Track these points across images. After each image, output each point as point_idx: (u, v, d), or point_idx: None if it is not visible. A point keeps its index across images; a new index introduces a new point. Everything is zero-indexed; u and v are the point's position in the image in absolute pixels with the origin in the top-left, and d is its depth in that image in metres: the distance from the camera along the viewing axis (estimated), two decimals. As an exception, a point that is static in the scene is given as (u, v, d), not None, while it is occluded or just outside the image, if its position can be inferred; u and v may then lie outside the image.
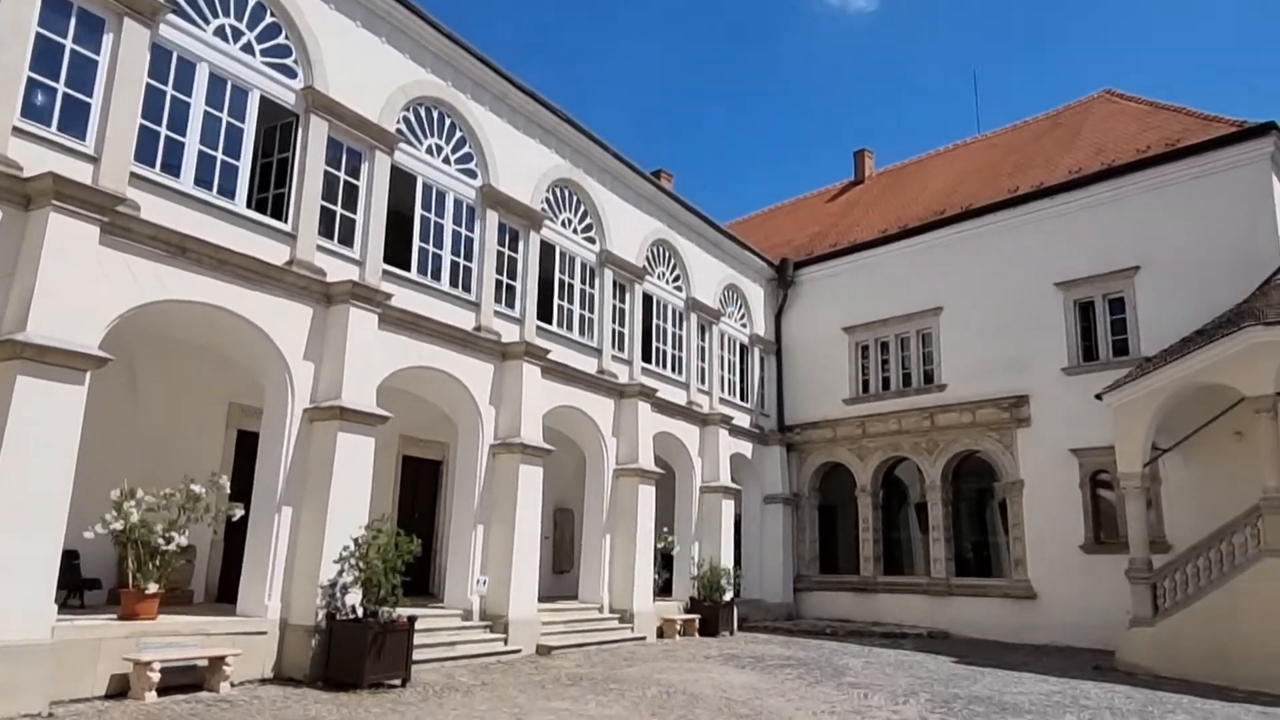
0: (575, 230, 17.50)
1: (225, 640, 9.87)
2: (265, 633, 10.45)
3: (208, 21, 10.98)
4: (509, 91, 15.68)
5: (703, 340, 21.39)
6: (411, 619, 10.79)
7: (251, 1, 11.52)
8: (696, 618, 18.06)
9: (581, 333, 17.34)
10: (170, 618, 9.73)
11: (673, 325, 20.51)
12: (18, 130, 8.94)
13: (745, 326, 23.40)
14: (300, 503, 11.03)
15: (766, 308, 24.30)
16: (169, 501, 9.76)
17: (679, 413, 19.71)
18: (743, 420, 22.32)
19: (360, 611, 10.54)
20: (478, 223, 14.95)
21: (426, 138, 14.24)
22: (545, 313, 16.46)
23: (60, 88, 9.43)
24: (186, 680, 9.25)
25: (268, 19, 11.74)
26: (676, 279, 20.71)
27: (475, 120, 15.03)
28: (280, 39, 11.88)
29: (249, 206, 11.33)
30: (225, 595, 12.29)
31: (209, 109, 10.95)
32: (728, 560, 19.63)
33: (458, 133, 14.82)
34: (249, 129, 11.36)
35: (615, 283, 18.32)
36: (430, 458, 17.14)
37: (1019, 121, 25.62)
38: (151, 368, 12.43)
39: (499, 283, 15.27)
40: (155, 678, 8.77)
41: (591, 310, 17.66)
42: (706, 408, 20.78)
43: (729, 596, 18.84)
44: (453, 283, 14.37)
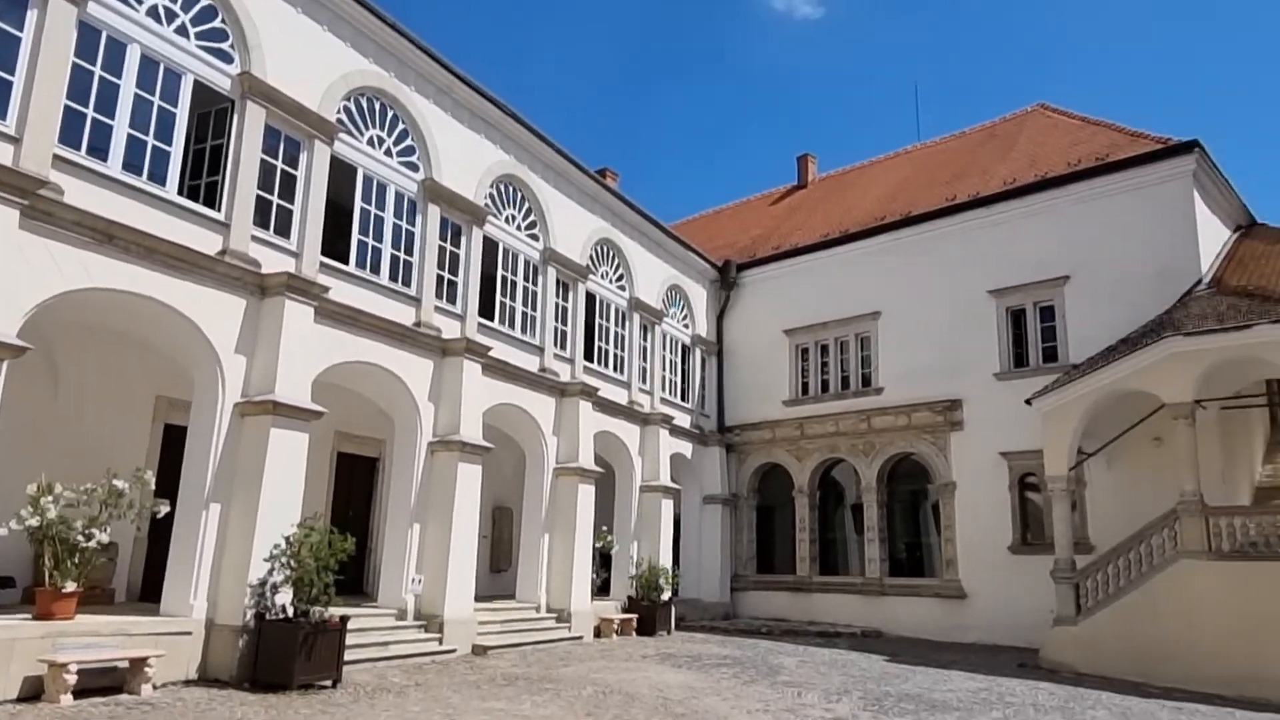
0: (519, 227, 17.37)
1: (147, 641, 9.55)
2: (190, 633, 10.15)
3: (140, 1, 10.63)
4: (453, 85, 15.49)
5: (645, 340, 21.43)
6: (344, 619, 10.59)
7: (187, -18, 11.20)
8: (634, 617, 18.07)
9: (524, 330, 17.22)
10: (89, 617, 9.37)
11: (615, 324, 20.50)
12: (-68, 107, 8.55)
13: (688, 327, 23.50)
14: (229, 499, 10.74)
15: (709, 309, 24.44)
16: (90, 497, 9.39)
17: (620, 412, 19.71)
18: (683, 420, 22.42)
19: (291, 611, 10.30)
20: (419, 217, 14.74)
21: (368, 129, 14.00)
22: (487, 309, 16.31)
23: (-21, 64, 9.05)
24: (106, 683, 8.93)
25: (204, 1, 11.41)
26: (620, 278, 20.71)
27: (418, 113, 14.81)
28: (216, 22, 11.55)
29: (181, 194, 10.99)
30: (149, 594, 11.89)
31: (140, 92, 10.59)
32: (666, 560, 19.70)
33: (400, 125, 14.59)
34: (182, 114, 11.02)
35: (558, 281, 18.23)
36: (366, 454, 16.84)
37: (957, 132, 26.26)
38: (74, 358, 11.95)
39: (440, 278, 15.08)
40: (71, 680, 8.43)
41: (534, 308, 17.55)
42: (648, 407, 20.82)
43: (667, 596, 18.90)
44: (393, 277, 14.14)
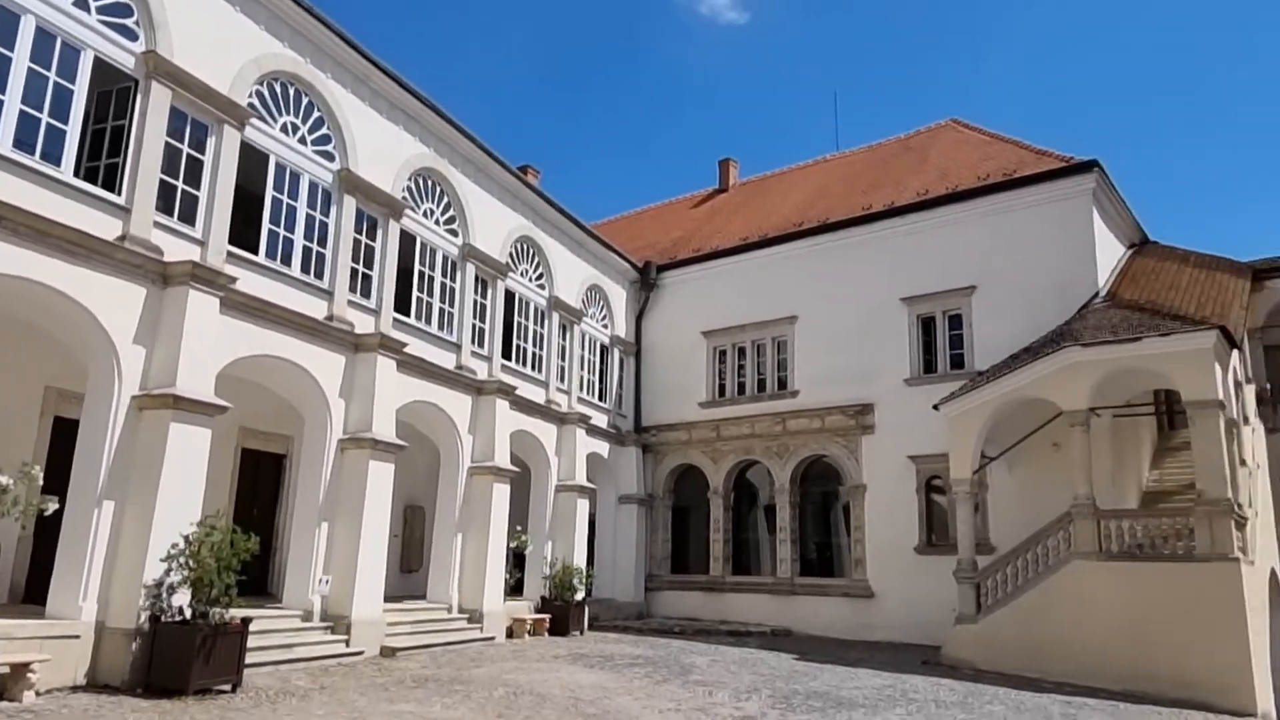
0: (438, 221, 17.10)
1: (31, 645, 9.04)
2: (79, 636, 9.65)
3: (36, -30, 10.08)
4: (371, 74, 15.15)
5: (564, 339, 21.34)
6: (246, 620, 10.25)
7: (88, -46, 10.67)
8: (547, 617, 17.98)
9: (440, 327, 16.95)
10: (-34, 621, 8.85)
11: (534, 323, 20.36)
12: None
13: (607, 327, 23.50)
14: (124, 497, 10.26)
15: (628, 309, 24.49)
16: (-30, 493, 8.85)
17: (537, 411, 19.58)
18: (600, 420, 22.41)
19: (189, 613, 9.91)
20: (334, 208, 14.37)
21: (281, 115, 13.57)
22: (403, 305, 15.99)
23: None
24: (-17, 689, 8.45)
25: (106, -26, 10.90)
26: (540, 277, 20.57)
27: (335, 101, 14.44)
28: (120, -3, 11.04)
29: (77, 175, 10.46)
30: (33, 596, 11.24)
31: (34, 66, 10.03)
32: (580, 560, 19.66)
33: (315, 112, 14.20)
34: (80, 91, 10.48)
35: (477, 277, 18.01)
36: (273, 451, 16.32)
37: (874, 143, 26.94)
38: (-45, 346, 11.28)
39: (354, 271, 14.73)
40: (-55, 687, 7.95)
41: (452, 304, 17.29)
42: (565, 407, 20.74)
43: (580, 596, 18.86)
44: (304, 269, 13.74)
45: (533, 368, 20.05)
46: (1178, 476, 18.36)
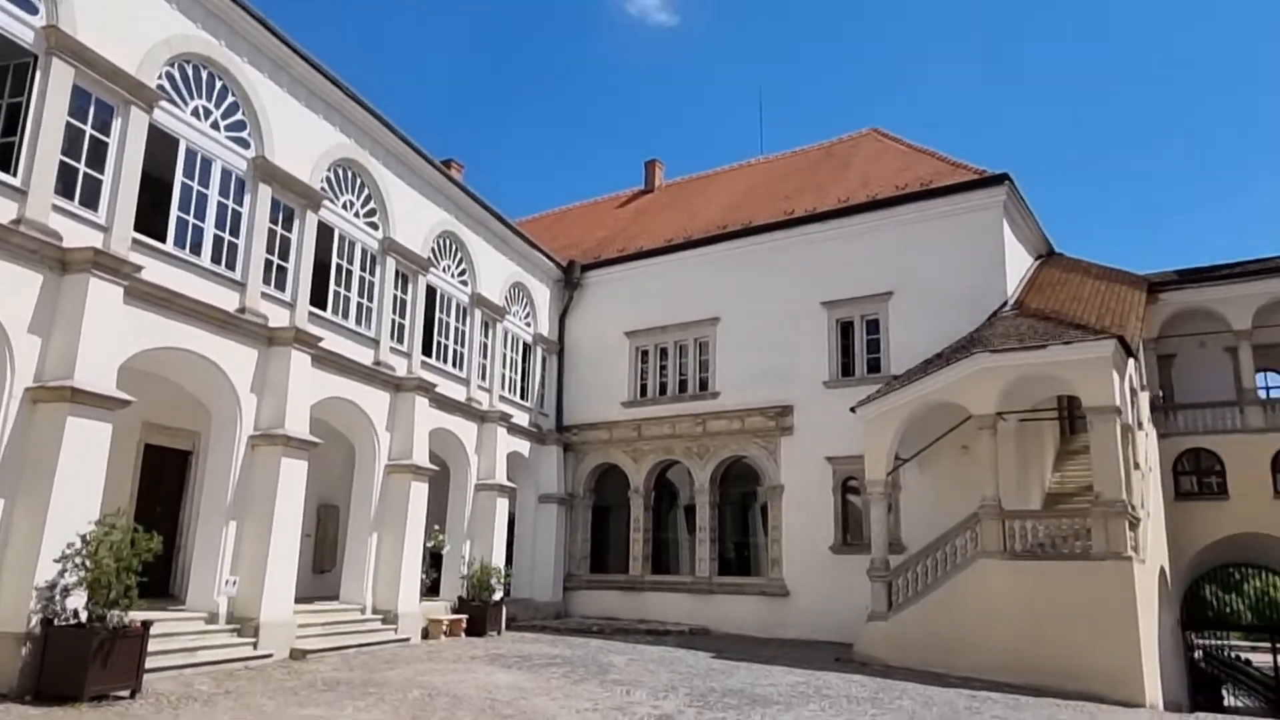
0: (357, 214, 16.71)
1: (-92, 651, 8.54)
2: (-38, 642, 9.15)
3: (-75, -65, 9.50)
4: (290, 60, 14.72)
5: (486, 337, 21.10)
6: (147, 623, 9.85)
7: (-16, -80, 10.10)
8: (464, 618, 17.75)
9: (359, 322, 16.57)
10: None
11: (456, 320, 20.08)
12: None
13: (530, 325, 23.33)
14: (15, 494, 9.74)
15: (552, 308, 24.36)
16: None
17: (458, 409, 19.33)
18: (522, 419, 22.24)
19: (85, 616, 9.46)
20: (248, 196, 13.91)
21: (193, 99, 13.07)
22: (320, 298, 15.58)
23: None
24: None
25: (4, -57, 10.33)
26: (463, 273, 20.31)
27: (251, 86, 13.97)
28: (19, -32, 10.49)
29: (-32, 154, 9.91)
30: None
31: (-78, 36, 9.47)
32: (499, 559, 19.49)
33: (230, 97, 13.72)
34: (-27, 65, 9.94)
35: (398, 272, 17.67)
36: (178, 447, 15.70)
37: (798, 149, 27.38)
38: None
39: (269, 263, 14.29)
40: None
41: (371, 299, 16.92)
42: (486, 405, 20.51)
43: (498, 596, 18.69)
44: (215, 259, 13.27)
45: (454, 365, 19.77)
46: (1077, 478, 19.20)
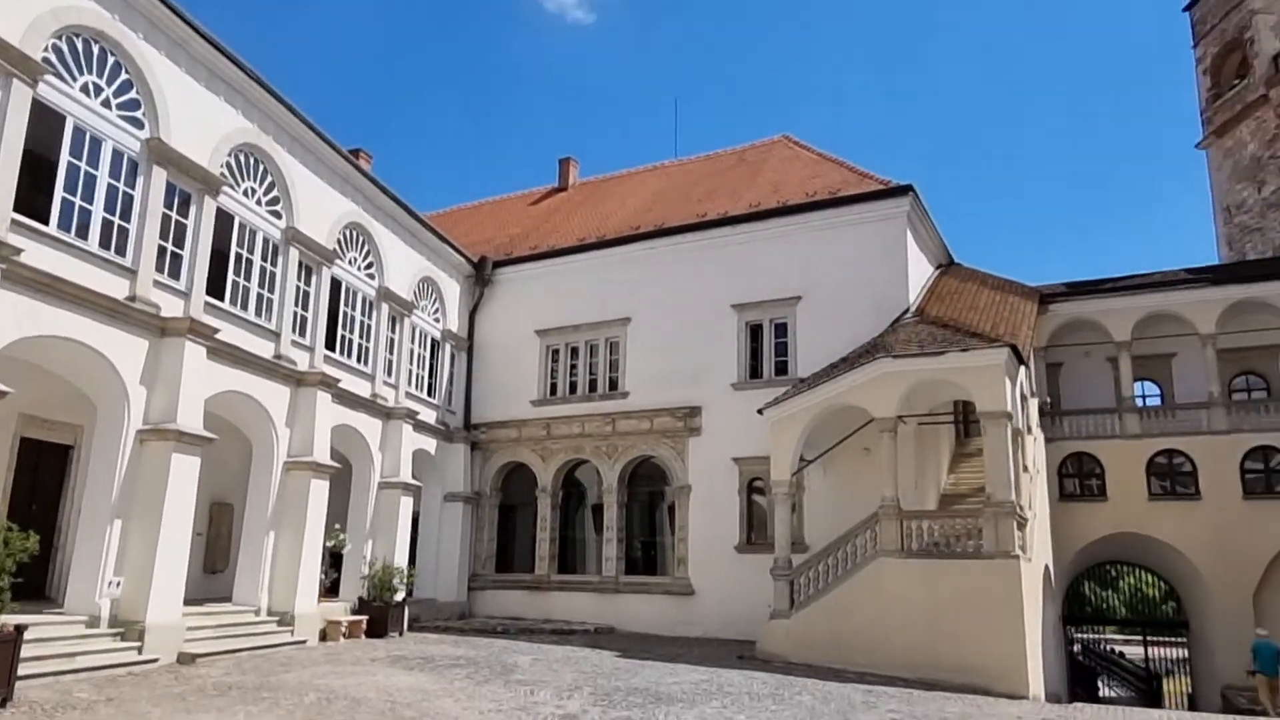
0: (259, 202, 16.13)
1: None
2: None
3: None
4: (189, 38, 14.10)
5: (393, 332, 20.65)
6: (20, 628, 9.30)
7: None
8: (364, 619, 17.33)
9: (259, 313, 16.00)
10: None
11: (362, 314, 19.58)
12: None
13: (439, 321, 22.94)
14: (-127, 489, 9.07)
15: (462, 304, 24.01)
16: None
17: (362, 405, 18.86)
18: (429, 416, 21.84)
19: (-51, 620, 8.88)
20: (141, 179, 13.27)
21: (82, 74, 12.39)
22: (217, 288, 14.98)
23: None
24: None
25: None
26: (369, 266, 19.82)
27: (146, 64, 13.33)
28: (-112, -76, 9.75)
29: None
30: None
31: None
32: (402, 559, 19.11)
33: (123, 74, 13.06)
34: None
35: (301, 263, 17.13)
36: (59, 441, 14.82)
37: (711, 153, 27.73)
38: None
39: (163, 250, 13.67)
40: None
41: (272, 290, 16.35)
42: (392, 401, 20.08)
43: (401, 596, 18.32)
44: (104, 244, 12.61)
45: (359, 360, 19.28)
46: (970, 480, 19.98)
